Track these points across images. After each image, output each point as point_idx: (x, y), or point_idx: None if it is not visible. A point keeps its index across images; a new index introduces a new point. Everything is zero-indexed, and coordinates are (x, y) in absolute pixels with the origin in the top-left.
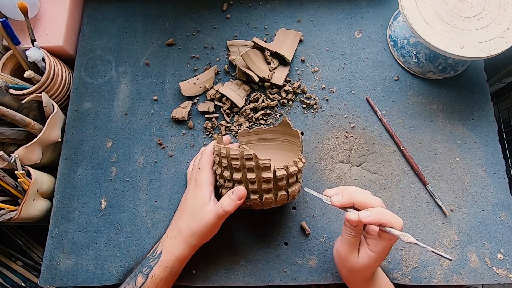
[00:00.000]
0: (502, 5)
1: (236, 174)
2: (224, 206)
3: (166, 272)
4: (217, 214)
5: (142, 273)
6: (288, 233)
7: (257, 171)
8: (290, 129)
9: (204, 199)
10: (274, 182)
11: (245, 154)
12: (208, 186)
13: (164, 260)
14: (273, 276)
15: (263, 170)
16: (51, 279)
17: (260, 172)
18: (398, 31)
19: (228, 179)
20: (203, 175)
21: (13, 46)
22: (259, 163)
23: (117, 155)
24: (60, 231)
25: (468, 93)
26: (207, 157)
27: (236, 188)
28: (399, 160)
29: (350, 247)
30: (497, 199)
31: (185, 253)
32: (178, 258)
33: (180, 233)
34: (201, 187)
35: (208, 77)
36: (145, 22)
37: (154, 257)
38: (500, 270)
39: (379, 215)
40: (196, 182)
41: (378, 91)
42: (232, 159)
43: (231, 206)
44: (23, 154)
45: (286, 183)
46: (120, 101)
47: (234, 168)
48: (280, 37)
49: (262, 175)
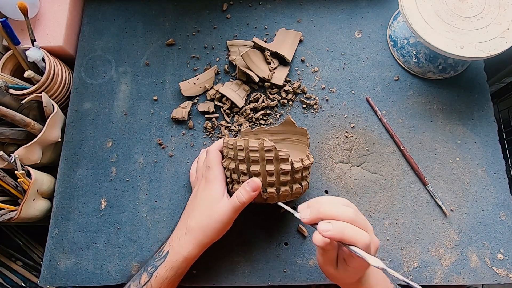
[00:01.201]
0: (502, 5)
1: (254, 166)
2: (240, 197)
3: (171, 272)
4: (233, 207)
5: (146, 272)
6: (288, 233)
7: (275, 163)
8: (294, 127)
9: (217, 195)
10: (291, 175)
11: (264, 146)
12: (220, 182)
13: (171, 260)
14: (273, 276)
15: (282, 162)
16: (51, 279)
17: (279, 164)
18: (398, 31)
19: (244, 172)
20: (213, 172)
21: (13, 46)
22: (278, 155)
23: (117, 155)
24: (60, 231)
25: (468, 93)
26: (215, 155)
27: (250, 179)
28: (399, 160)
29: (326, 259)
30: (497, 199)
31: (193, 253)
32: (186, 259)
33: (189, 232)
34: (213, 184)
35: (208, 77)
36: (145, 22)
37: (160, 256)
38: (500, 270)
39: (340, 229)
40: (207, 180)
41: (378, 91)
42: (251, 151)
43: (246, 197)
44: (23, 154)
45: (301, 176)
46: (120, 101)
47: (252, 161)
48: (280, 37)
49: (280, 167)
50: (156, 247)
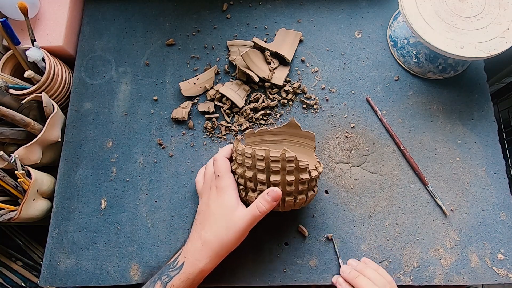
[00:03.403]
0: (502, 5)
1: (274, 176)
2: (260, 207)
3: (187, 283)
4: (253, 216)
5: (161, 281)
6: (288, 233)
7: (295, 173)
8: (299, 130)
9: (232, 204)
10: (308, 183)
11: (287, 157)
12: (233, 190)
13: (187, 272)
14: (273, 276)
15: (301, 172)
16: (51, 279)
17: (299, 174)
18: (398, 31)
19: (263, 182)
20: (224, 180)
21: (13, 46)
22: (299, 165)
23: (117, 155)
24: (60, 231)
25: (468, 93)
26: (223, 162)
27: (271, 189)
28: (399, 160)
29: None
30: (497, 199)
31: (210, 265)
32: (202, 271)
33: (206, 244)
34: (226, 193)
35: (208, 77)
36: (145, 22)
37: (175, 267)
38: (501, 270)
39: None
40: (218, 189)
41: (378, 91)
42: (272, 161)
43: (266, 207)
44: (23, 154)
45: (315, 182)
46: (120, 101)
47: (273, 171)
48: (280, 37)
49: (300, 177)
50: (156, 247)
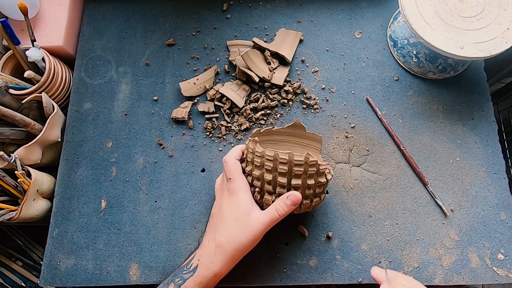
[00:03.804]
0: (502, 5)
1: (296, 180)
2: (280, 210)
3: (200, 287)
4: (271, 219)
5: (174, 283)
6: (288, 233)
7: (315, 177)
8: (304, 131)
9: (246, 206)
10: (324, 186)
11: (310, 161)
12: (246, 192)
13: (201, 275)
14: (273, 276)
15: (320, 176)
16: (51, 279)
17: (318, 177)
18: (398, 31)
19: (283, 185)
20: (236, 183)
21: (13, 46)
22: (319, 169)
23: (117, 155)
24: (60, 231)
25: (468, 93)
26: (234, 164)
27: (291, 193)
28: (399, 160)
29: None
30: (497, 199)
31: (224, 269)
32: (217, 274)
33: (220, 248)
34: (239, 195)
35: (208, 77)
36: (145, 22)
37: (189, 270)
38: (501, 270)
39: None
40: (230, 192)
41: (378, 91)
42: (295, 165)
43: (286, 210)
44: (23, 154)
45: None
46: (120, 101)
47: (295, 174)
48: (280, 37)
49: (319, 180)
50: (156, 247)
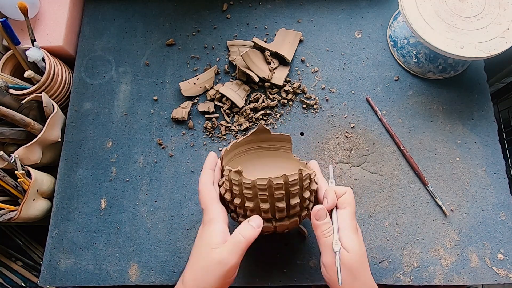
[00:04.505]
0: (502, 5)
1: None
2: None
3: None
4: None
5: None
6: (288, 233)
7: (309, 187)
8: (269, 134)
9: (212, 241)
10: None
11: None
12: (218, 223)
13: None
14: (273, 276)
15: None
16: (51, 279)
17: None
18: (398, 31)
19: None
20: (208, 213)
21: (13, 46)
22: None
23: (117, 155)
24: (60, 231)
25: (468, 93)
26: (207, 193)
27: (251, 218)
28: (399, 160)
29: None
30: (497, 199)
31: None
32: None
33: (184, 286)
34: (209, 228)
35: (208, 77)
36: (145, 22)
37: None
38: (500, 270)
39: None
40: (203, 224)
41: (378, 91)
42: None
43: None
44: (23, 154)
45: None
46: (120, 101)
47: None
48: (280, 37)
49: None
50: (156, 247)
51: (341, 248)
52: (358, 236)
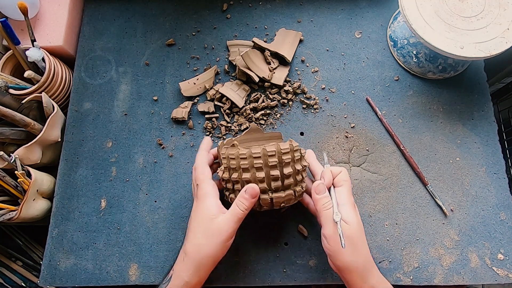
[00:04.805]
0: (502, 5)
1: (287, 169)
2: (241, 205)
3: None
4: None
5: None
6: (288, 233)
7: (300, 162)
8: (262, 134)
9: (210, 213)
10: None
11: (294, 146)
12: (212, 197)
13: (173, 285)
14: (273, 276)
15: (302, 159)
16: (51, 279)
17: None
18: (398, 31)
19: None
20: (202, 189)
21: (13, 46)
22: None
23: (117, 155)
24: (60, 231)
25: (468, 93)
26: (203, 171)
27: (248, 186)
28: (399, 160)
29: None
30: (497, 199)
31: (195, 278)
32: (187, 283)
33: (188, 256)
34: (204, 201)
35: (208, 77)
36: (145, 22)
37: (167, 280)
38: (500, 270)
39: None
40: (198, 198)
41: (378, 91)
42: (283, 153)
43: (247, 204)
44: (23, 154)
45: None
46: (120, 101)
47: (285, 164)
48: (280, 37)
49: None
50: (156, 247)
51: (341, 220)
52: (355, 211)
